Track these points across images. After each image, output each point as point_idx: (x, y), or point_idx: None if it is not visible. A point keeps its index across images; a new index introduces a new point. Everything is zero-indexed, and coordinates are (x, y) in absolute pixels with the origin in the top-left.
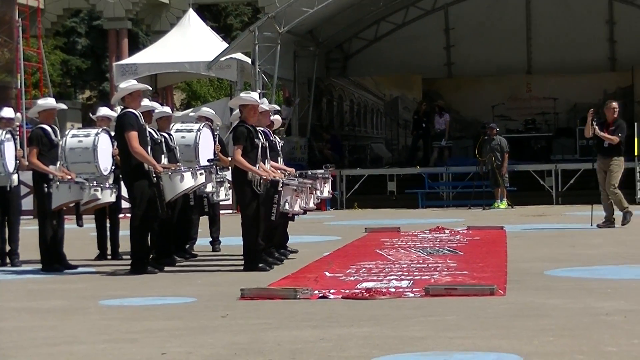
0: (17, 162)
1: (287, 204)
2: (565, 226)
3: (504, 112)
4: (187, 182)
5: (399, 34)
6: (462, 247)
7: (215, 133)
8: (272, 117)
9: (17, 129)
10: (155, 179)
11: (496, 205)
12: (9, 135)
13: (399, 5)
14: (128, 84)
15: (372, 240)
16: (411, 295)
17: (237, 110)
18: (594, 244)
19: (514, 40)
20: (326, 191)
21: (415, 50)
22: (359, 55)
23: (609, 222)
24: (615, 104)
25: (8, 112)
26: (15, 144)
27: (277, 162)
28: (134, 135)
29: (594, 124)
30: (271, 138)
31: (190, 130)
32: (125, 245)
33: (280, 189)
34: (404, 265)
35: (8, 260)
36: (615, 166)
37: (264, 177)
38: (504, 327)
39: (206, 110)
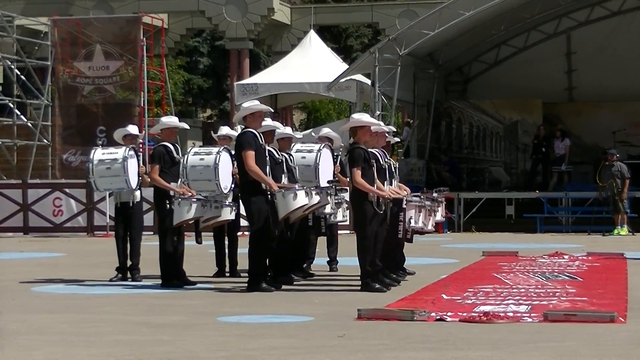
0: (140, 178)
1: (412, 220)
2: None
3: (625, 137)
4: (300, 200)
5: (520, 57)
6: (581, 273)
7: (335, 154)
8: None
9: (140, 146)
10: (270, 197)
11: (616, 232)
12: (132, 152)
13: (520, 29)
14: (251, 104)
15: (490, 263)
16: (529, 320)
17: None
18: None
19: (637, 65)
20: (439, 215)
21: (536, 74)
22: (479, 79)
23: None
24: None
25: (133, 129)
26: (138, 160)
27: (392, 185)
28: (250, 154)
29: None
30: (386, 159)
31: (310, 151)
32: (243, 263)
33: (404, 206)
34: (522, 290)
35: (129, 275)
36: None
37: (386, 197)
38: (625, 355)
39: (327, 131)
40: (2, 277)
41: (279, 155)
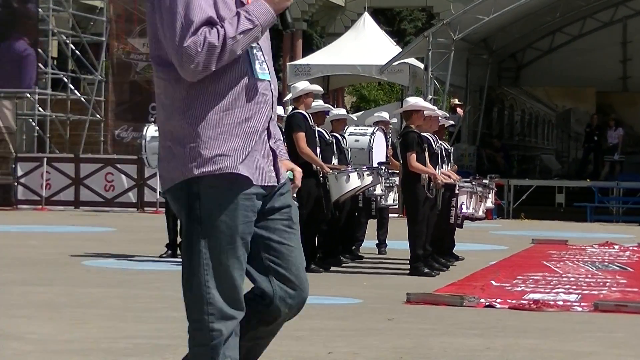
0: None
1: (464, 206)
2: None
3: None
4: (354, 182)
5: (575, 45)
6: (632, 263)
7: (388, 137)
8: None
9: None
10: (322, 179)
11: None
12: None
13: (575, 16)
14: (301, 85)
15: (539, 251)
16: (579, 309)
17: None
18: None
19: None
20: (489, 201)
21: (590, 62)
22: (533, 66)
23: None
24: None
25: None
26: None
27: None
28: (301, 136)
29: None
30: (438, 144)
31: (364, 134)
32: None
33: (457, 192)
34: (572, 279)
35: (179, 252)
36: None
37: (439, 181)
38: None
39: (383, 114)
40: (54, 251)
41: (328, 136)
